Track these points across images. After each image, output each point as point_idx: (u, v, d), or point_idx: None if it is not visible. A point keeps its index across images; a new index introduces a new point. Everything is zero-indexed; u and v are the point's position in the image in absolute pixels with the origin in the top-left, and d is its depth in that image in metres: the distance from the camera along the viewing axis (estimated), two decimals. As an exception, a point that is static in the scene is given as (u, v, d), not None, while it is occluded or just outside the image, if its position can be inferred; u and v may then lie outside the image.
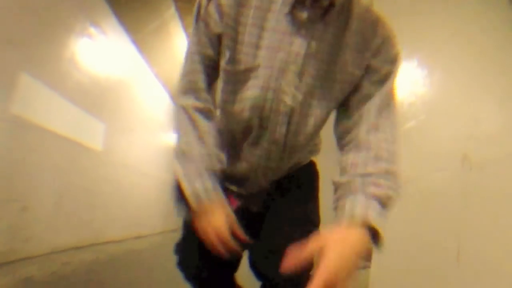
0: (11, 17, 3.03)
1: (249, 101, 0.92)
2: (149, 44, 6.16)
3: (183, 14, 6.12)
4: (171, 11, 6.02)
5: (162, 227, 8.38)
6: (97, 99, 4.76)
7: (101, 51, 4.79)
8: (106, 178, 5.33)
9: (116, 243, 5.49)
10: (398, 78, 2.61)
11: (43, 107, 3.60)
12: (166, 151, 8.46)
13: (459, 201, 1.76)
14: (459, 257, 1.70)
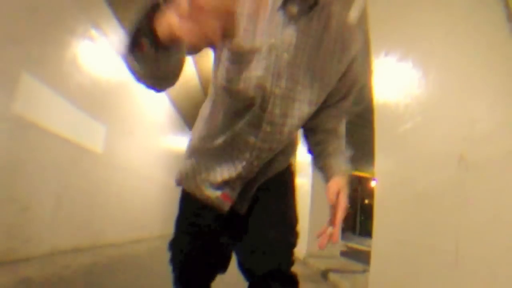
0: (14, 16, 3.06)
1: (254, 79, 0.97)
2: (150, 47, 6.19)
3: (183, 18, 6.15)
4: (171, 15, 6.05)
5: (161, 230, 8.37)
6: (98, 101, 4.79)
7: (102, 53, 4.82)
8: (106, 181, 5.33)
9: (115, 246, 5.47)
10: (394, 80, 2.61)
11: (44, 107, 3.62)
12: (166, 155, 8.48)
13: (456, 202, 1.76)
14: (458, 258, 1.70)
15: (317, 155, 1.21)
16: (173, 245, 1.27)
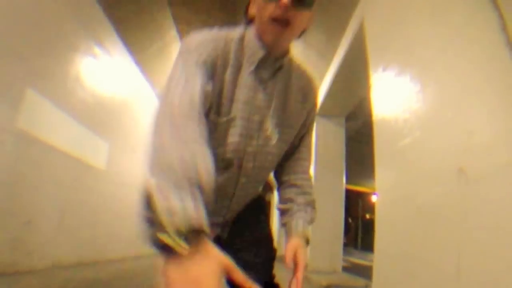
0: (19, 32, 3.14)
1: (231, 145, 1.08)
2: (152, 65, 6.29)
3: (183, 36, 6.25)
4: (172, 33, 6.16)
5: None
6: (101, 118, 4.84)
7: (105, 70, 4.89)
8: (109, 197, 5.36)
9: (117, 261, 5.47)
10: (392, 95, 2.64)
11: (48, 123, 3.67)
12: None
13: (457, 215, 1.75)
14: (459, 272, 1.68)
15: (282, 213, 1.26)
16: None
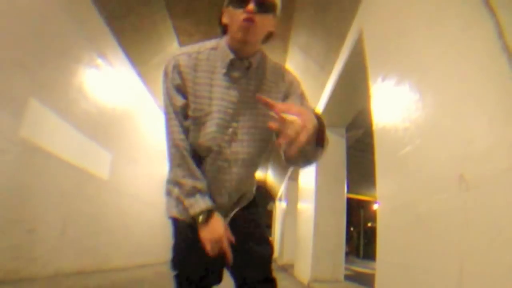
0: (23, 44, 3.19)
1: (210, 134, 1.31)
2: (154, 76, 6.34)
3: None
4: (174, 45, 6.22)
5: (166, 256, 8.30)
6: (104, 128, 4.88)
7: (108, 82, 4.94)
8: (111, 206, 5.37)
9: (120, 270, 5.47)
10: (392, 104, 2.64)
11: (51, 133, 3.71)
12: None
13: (458, 222, 1.75)
14: (462, 279, 1.68)
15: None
16: (174, 250, 1.49)
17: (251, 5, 1.20)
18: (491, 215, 1.54)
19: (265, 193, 19.81)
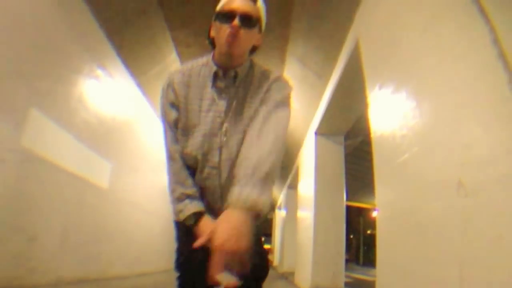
0: (23, 54, 3.22)
1: (196, 144, 1.39)
2: (153, 86, 6.37)
3: (183, 58, 6.36)
4: (172, 56, 6.27)
5: (167, 265, 8.30)
6: (103, 137, 4.90)
7: (107, 92, 4.98)
8: (112, 215, 5.38)
9: (120, 279, 5.46)
10: (389, 112, 2.66)
11: (51, 142, 3.73)
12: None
13: (457, 228, 1.74)
14: (462, 285, 1.67)
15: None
16: (177, 252, 1.53)
17: (236, 21, 1.28)
18: (490, 220, 1.53)
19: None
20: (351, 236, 37.43)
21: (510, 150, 1.43)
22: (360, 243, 36.00)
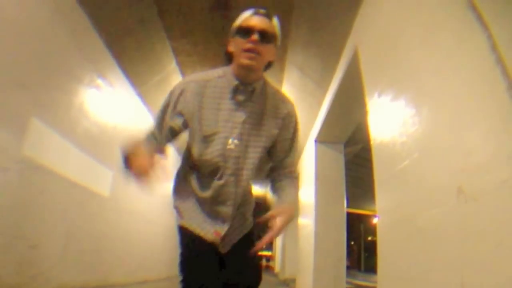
0: (24, 64, 3.25)
1: (217, 151, 1.48)
2: (153, 96, 6.40)
3: (183, 68, 6.40)
4: (172, 65, 6.30)
5: (168, 272, 8.28)
6: (104, 146, 4.91)
7: (108, 101, 5.00)
8: (113, 223, 5.38)
9: (121, 286, 5.46)
10: (388, 119, 2.68)
11: (52, 151, 3.75)
12: (170, 200, 8.51)
13: (458, 234, 1.75)
14: None
15: (275, 187, 1.68)
16: (181, 256, 1.59)
17: (255, 36, 1.40)
18: (490, 226, 1.53)
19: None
20: (352, 243, 37.31)
21: (509, 156, 1.43)
22: (361, 249, 35.87)
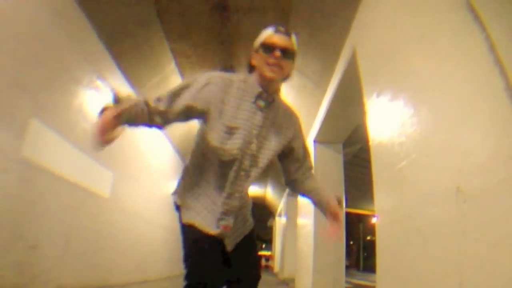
0: (23, 65, 3.25)
1: (237, 144, 1.58)
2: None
3: (182, 69, 6.42)
4: (171, 67, 6.32)
5: (169, 272, 8.30)
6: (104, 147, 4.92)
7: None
8: (113, 224, 5.39)
9: (122, 286, 5.48)
10: (387, 119, 2.70)
11: (52, 152, 3.76)
12: (170, 200, 8.53)
13: (456, 234, 1.75)
14: None
15: (304, 184, 1.87)
16: (184, 254, 1.66)
17: (278, 52, 1.56)
18: (488, 226, 1.54)
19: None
20: (351, 243, 37.32)
21: (508, 156, 1.44)
22: (360, 249, 35.87)
